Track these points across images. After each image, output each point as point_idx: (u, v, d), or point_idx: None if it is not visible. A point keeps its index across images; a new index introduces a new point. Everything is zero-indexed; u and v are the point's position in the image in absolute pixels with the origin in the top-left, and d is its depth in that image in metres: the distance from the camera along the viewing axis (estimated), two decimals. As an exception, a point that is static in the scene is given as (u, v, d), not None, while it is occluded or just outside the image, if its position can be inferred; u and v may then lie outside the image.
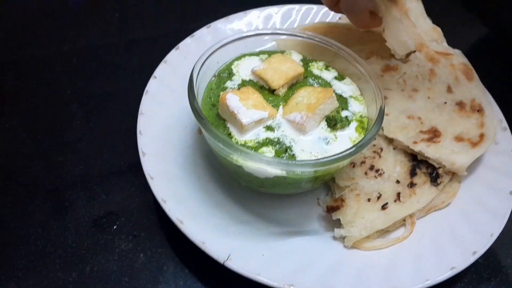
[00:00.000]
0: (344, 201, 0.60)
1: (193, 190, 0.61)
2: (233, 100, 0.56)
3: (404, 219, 0.60)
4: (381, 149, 0.65)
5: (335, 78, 0.65)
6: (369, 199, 0.60)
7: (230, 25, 0.79)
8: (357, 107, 0.62)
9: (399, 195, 0.61)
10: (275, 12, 0.83)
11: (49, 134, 0.72)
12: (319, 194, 0.64)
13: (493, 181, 0.64)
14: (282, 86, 0.61)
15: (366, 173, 0.63)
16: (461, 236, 0.58)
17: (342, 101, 0.61)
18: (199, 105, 0.57)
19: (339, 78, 0.65)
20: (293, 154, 0.55)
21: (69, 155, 0.69)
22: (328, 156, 0.53)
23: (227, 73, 0.64)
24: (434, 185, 0.62)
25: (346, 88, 0.64)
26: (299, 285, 0.52)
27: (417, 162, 0.64)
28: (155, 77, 0.70)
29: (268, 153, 0.55)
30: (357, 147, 0.53)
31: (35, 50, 0.85)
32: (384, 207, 0.59)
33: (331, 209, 0.60)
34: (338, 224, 0.59)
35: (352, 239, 0.57)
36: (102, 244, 0.60)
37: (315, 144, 0.56)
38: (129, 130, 0.67)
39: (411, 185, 0.62)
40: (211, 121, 0.58)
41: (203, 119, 0.54)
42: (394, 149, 0.66)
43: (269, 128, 0.57)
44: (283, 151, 0.55)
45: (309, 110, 0.56)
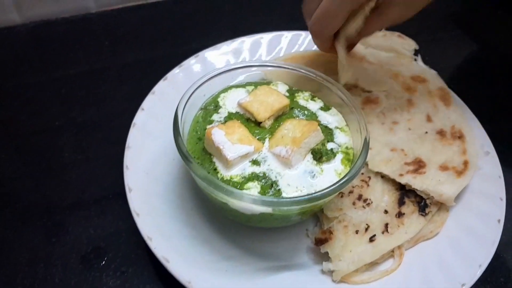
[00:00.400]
0: (332, 233, 0.59)
1: (180, 225, 0.60)
2: (218, 135, 0.56)
3: (392, 250, 0.60)
4: (369, 178, 0.65)
5: (321, 108, 0.65)
6: (357, 231, 0.60)
7: (218, 54, 0.80)
8: (342, 138, 0.61)
9: (387, 226, 0.60)
10: (263, 38, 0.84)
11: (39, 164, 0.72)
12: (308, 225, 0.64)
13: (481, 208, 0.63)
14: (268, 118, 0.61)
15: (354, 203, 0.62)
16: (449, 267, 0.58)
17: (327, 132, 0.61)
18: (185, 140, 0.57)
19: (325, 108, 0.65)
20: (279, 189, 0.55)
21: (57, 189, 0.69)
22: (313, 192, 0.53)
23: (213, 105, 0.64)
24: (422, 215, 0.62)
25: (331, 119, 0.64)
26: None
27: (405, 190, 0.64)
28: (143, 109, 0.70)
29: (254, 189, 0.54)
30: (341, 182, 0.53)
31: (26, 77, 0.86)
32: (372, 239, 0.59)
33: (320, 242, 0.59)
34: (326, 256, 0.58)
35: (340, 273, 0.56)
36: (89, 281, 0.60)
37: (301, 178, 0.56)
38: (117, 161, 0.67)
39: (399, 215, 0.62)
40: (197, 155, 0.58)
41: (187, 158, 0.54)
42: (382, 177, 0.66)
43: (255, 162, 0.57)
44: (269, 186, 0.55)
45: (294, 144, 0.56)
